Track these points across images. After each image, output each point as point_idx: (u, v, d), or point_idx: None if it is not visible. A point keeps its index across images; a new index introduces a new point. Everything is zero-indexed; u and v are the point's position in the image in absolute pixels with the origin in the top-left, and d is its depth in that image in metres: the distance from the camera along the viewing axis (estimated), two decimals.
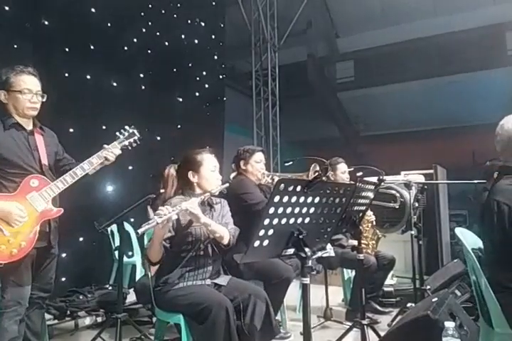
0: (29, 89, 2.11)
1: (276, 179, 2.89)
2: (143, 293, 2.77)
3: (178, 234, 2.11)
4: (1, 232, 1.96)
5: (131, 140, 2.36)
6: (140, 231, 1.86)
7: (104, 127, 4.18)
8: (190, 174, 2.22)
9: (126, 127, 2.38)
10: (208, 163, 2.25)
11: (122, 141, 2.32)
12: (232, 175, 3.00)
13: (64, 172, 2.18)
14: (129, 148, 2.36)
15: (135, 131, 2.37)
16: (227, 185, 2.23)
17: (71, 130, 3.88)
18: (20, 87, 2.10)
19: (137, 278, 3.82)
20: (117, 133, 2.34)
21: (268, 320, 2.04)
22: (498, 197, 1.75)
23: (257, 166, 2.91)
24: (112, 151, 2.26)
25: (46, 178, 2.13)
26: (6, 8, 3.46)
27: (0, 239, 1.95)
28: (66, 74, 3.89)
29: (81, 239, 3.94)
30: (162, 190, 2.35)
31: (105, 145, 2.27)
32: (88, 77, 4.13)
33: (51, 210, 2.11)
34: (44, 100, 2.17)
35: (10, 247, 1.97)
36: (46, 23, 3.79)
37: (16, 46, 3.51)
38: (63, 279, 3.69)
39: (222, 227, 2.17)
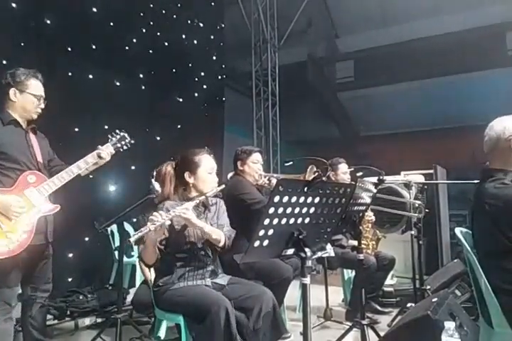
0: (41, 95, 2.24)
1: (273, 180, 2.89)
2: (140, 306, 2.80)
3: (173, 235, 2.10)
4: None
5: (123, 142, 2.47)
6: (132, 239, 1.85)
7: (106, 127, 4.18)
8: (186, 174, 2.20)
9: (117, 131, 2.49)
10: (206, 164, 2.22)
11: (115, 143, 2.43)
12: (229, 175, 3.00)
13: (54, 173, 2.23)
14: (121, 150, 2.48)
15: (126, 135, 2.49)
16: (223, 186, 2.21)
17: (76, 129, 3.91)
18: (34, 91, 2.21)
19: (137, 278, 3.81)
20: (109, 136, 2.46)
21: (275, 320, 2.04)
22: (490, 199, 1.75)
23: (254, 167, 2.90)
24: (105, 150, 2.34)
25: (43, 175, 2.16)
26: (13, 5, 3.47)
27: None
28: (69, 74, 3.90)
29: (86, 238, 3.95)
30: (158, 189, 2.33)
31: (99, 146, 2.35)
32: (90, 76, 4.14)
33: (49, 206, 2.14)
34: (43, 106, 2.28)
35: (7, 242, 1.97)
36: (49, 22, 3.80)
37: (22, 44, 3.52)
38: (70, 279, 3.71)
39: (217, 230, 2.15)
